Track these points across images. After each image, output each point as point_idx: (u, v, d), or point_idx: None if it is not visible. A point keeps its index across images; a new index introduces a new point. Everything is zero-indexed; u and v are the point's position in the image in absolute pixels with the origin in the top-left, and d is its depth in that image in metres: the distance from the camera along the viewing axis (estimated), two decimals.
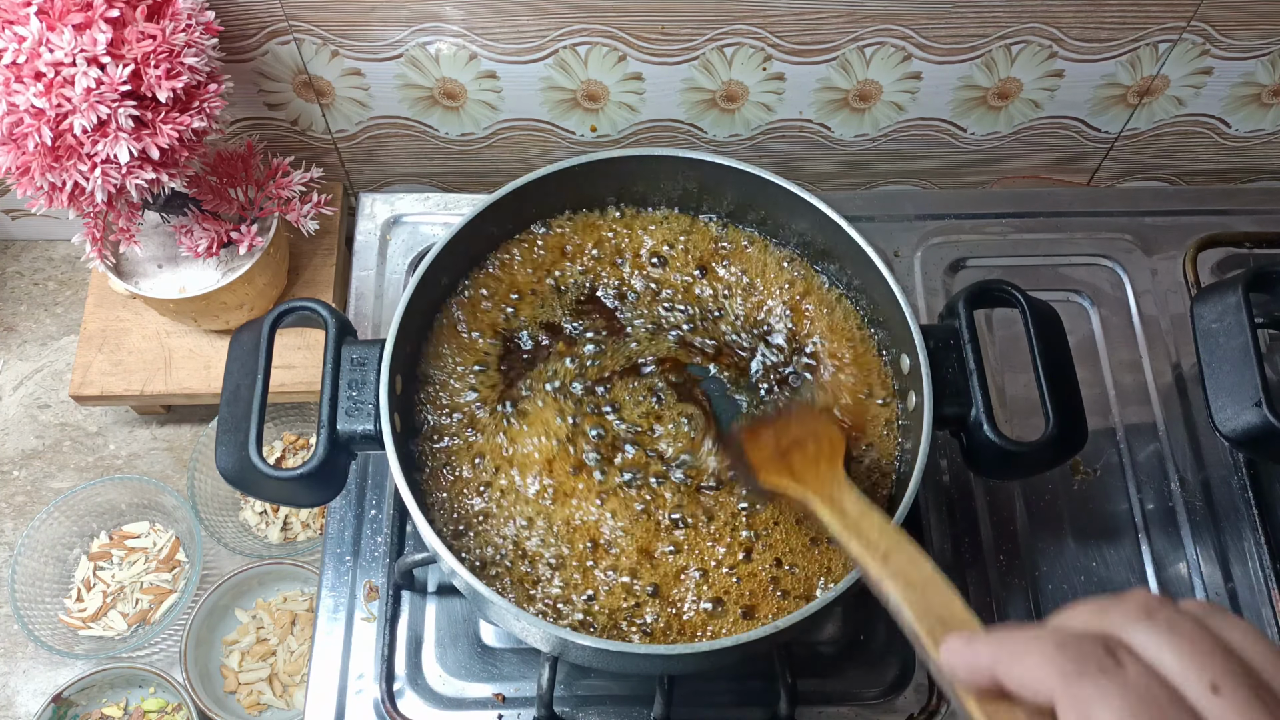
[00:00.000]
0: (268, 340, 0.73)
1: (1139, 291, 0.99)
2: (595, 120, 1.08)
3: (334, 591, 0.83)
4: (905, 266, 0.98)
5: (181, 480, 1.15)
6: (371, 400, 0.71)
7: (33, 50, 0.78)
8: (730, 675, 0.80)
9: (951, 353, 0.74)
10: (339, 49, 1.00)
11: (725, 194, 0.82)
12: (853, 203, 1.02)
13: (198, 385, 1.09)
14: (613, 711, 0.79)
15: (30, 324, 1.25)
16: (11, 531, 1.14)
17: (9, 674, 1.08)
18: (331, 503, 0.83)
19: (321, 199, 1.03)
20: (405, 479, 0.67)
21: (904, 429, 0.75)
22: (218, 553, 1.13)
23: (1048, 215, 1.02)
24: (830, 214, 0.76)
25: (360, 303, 0.96)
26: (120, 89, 0.80)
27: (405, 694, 0.79)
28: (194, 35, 0.85)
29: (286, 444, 1.19)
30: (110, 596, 1.11)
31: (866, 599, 0.83)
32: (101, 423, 1.19)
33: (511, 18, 0.96)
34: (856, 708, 0.79)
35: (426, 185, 1.18)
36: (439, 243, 0.75)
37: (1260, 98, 1.08)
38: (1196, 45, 1.01)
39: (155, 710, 1.06)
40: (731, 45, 0.99)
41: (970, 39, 0.99)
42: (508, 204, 0.78)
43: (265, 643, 1.09)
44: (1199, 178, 1.20)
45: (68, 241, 1.28)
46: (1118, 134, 1.12)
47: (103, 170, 0.83)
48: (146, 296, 1.02)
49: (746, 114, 1.07)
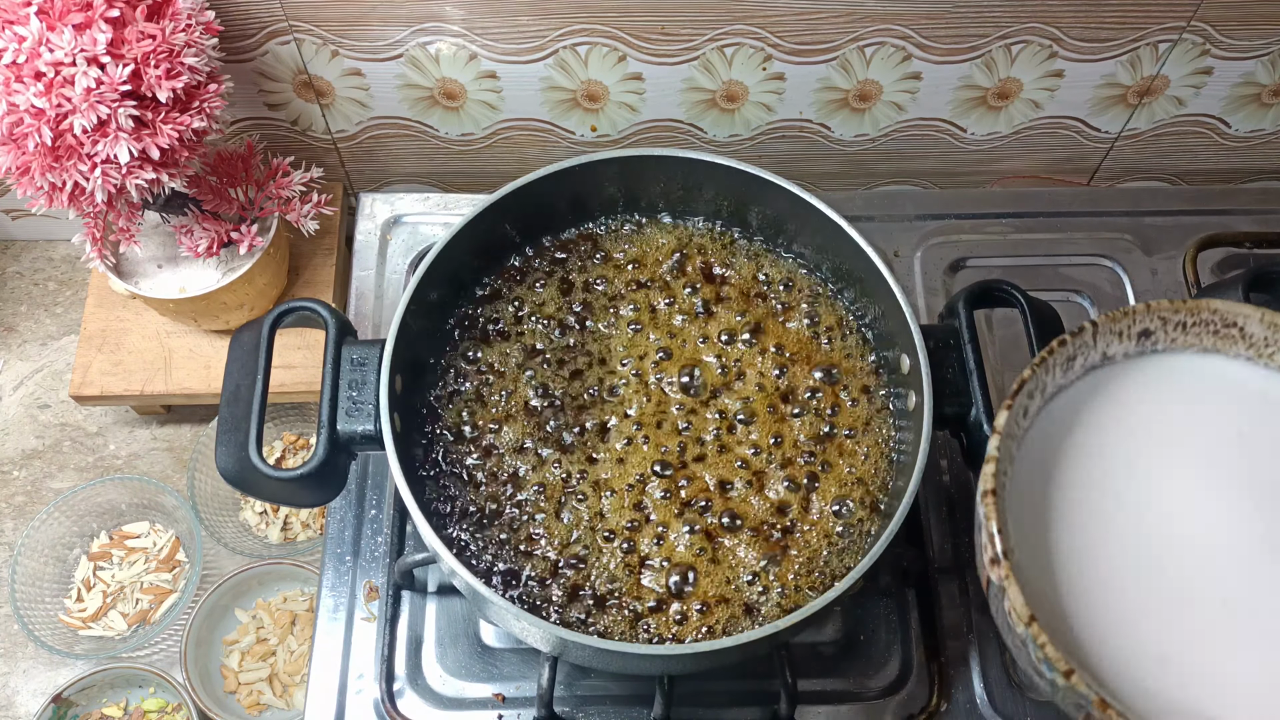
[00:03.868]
0: (268, 340, 0.73)
1: (1139, 291, 0.99)
2: (595, 120, 1.08)
3: (334, 591, 0.83)
4: (905, 266, 0.98)
5: (181, 480, 1.15)
6: (371, 400, 0.71)
7: (33, 50, 0.78)
8: (730, 675, 0.80)
9: (951, 353, 0.74)
10: (339, 49, 1.00)
11: (724, 194, 0.82)
12: (853, 203, 1.02)
13: (198, 385, 1.09)
14: (613, 711, 0.79)
15: (30, 324, 1.25)
16: (11, 531, 1.14)
17: (9, 674, 1.08)
18: (331, 503, 0.83)
19: (321, 199, 1.03)
20: (405, 479, 0.67)
21: (904, 429, 0.75)
22: (218, 553, 1.13)
23: (1048, 215, 1.02)
24: (830, 214, 0.76)
25: (360, 303, 0.95)
26: (120, 89, 0.80)
27: (405, 694, 0.79)
28: (194, 35, 0.85)
29: (286, 444, 1.19)
30: (110, 596, 1.11)
31: (867, 599, 0.83)
32: (101, 423, 1.19)
33: (511, 18, 0.96)
34: (856, 708, 0.79)
35: (426, 185, 1.18)
36: (439, 243, 0.75)
37: (1260, 98, 1.08)
38: (1196, 45, 1.01)
39: (155, 710, 1.06)
40: (731, 45, 0.99)
41: (970, 39, 0.99)
42: (508, 204, 0.78)
43: (265, 643, 1.09)
44: (1199, 178, 1.20)
45: (68, 241, 1.28)
46: (1118, 134, 1.12)
47: (103, 170, 0.83)
48: (146, 296, 1.02)
49: (746, 114, 1.07)
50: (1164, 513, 0.51)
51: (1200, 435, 0.53)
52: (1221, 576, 0.48)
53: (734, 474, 0.75)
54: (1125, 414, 0.54)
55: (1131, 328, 0.55)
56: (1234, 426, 0.53)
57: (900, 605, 0.82)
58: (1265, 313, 0.53)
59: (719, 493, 0.75)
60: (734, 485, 0.75)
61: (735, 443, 0.76)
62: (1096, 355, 0.54)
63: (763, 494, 0.74)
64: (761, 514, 0.74)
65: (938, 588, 0.82)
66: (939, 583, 0.82)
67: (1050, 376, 0.53)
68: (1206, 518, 0.50)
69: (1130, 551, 0.50)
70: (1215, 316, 0.54)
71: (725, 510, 0.74)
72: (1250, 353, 0.54)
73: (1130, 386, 0.54)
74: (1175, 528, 0.50)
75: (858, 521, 0.74)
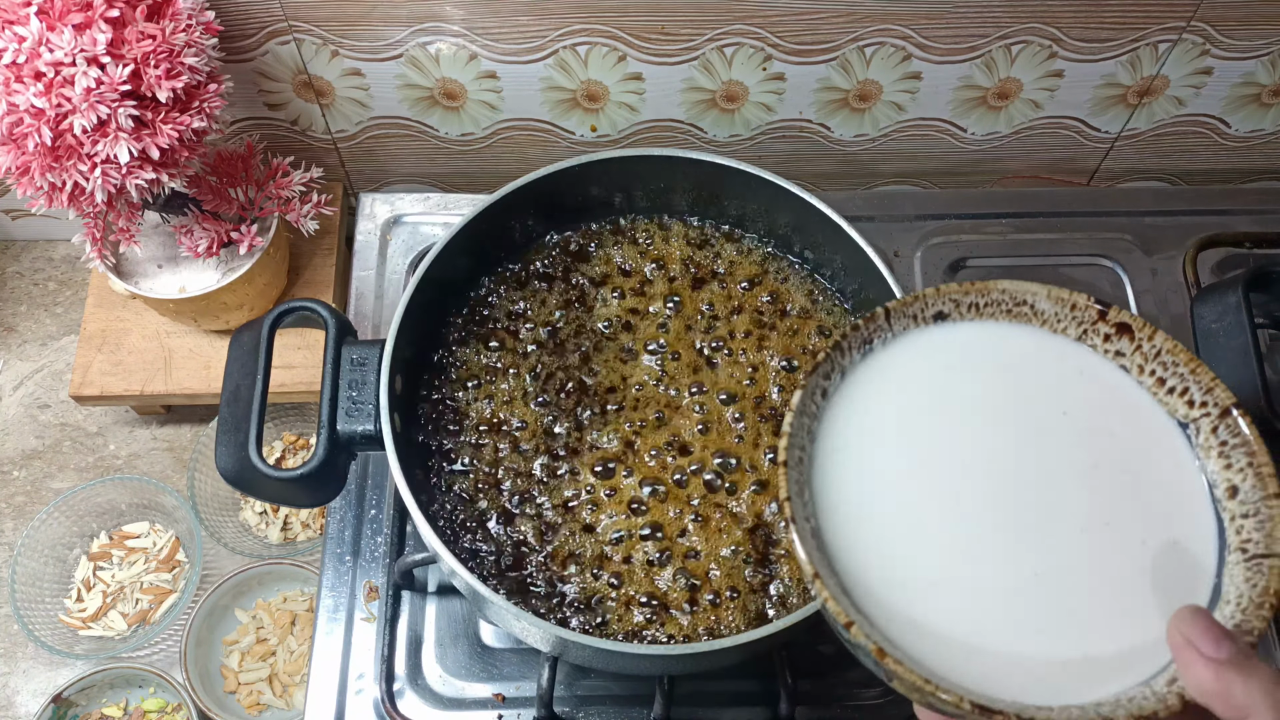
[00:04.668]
0: (268, 340, 0.73)
1: (1139, 291, 0.99)
2: (595, 120, 1.08)
3: (334, 591, 0.83)
4: (905, 266, 0.98)
5: (181, 480, 1.15)
6: (371, 400, 0.71)
7: (33, 50, 0.78)
8: (730, 675, 0.80)
9: None
10: (339, 49, 1.00)
11: (724, 194, 0.82)
12: (853, 203, 1.02)
13: (198, 385, 1.09)
14: (613, 711, 0.79)
15: (30, 324, 1.25)
16: (11, 531, 1.14)
17: (9, 674, 1.08)
18: (331, 503, 0.83)
19: (321, 199, 1.03)
20: (405, 479, 0.67)
21: None
22: (218, 553, 1.13)
23: (1048, 215, 1.02)
24: (830, 214, 0.77)
25: (360, 303, 0.96)
26: (120, 89, 0.80)
27: (405, 694, 0.79)
28: (194, 35, 0.85)
29: (286, 444, 1.19)
30: (110, 596, 1.11)
31: None
32: (101, 423, 1.19)
33: (511, 18, 0.96)
34: (856, 708, 0.79)
35: (426, 185, 1.18)
36: (439, 243, 0.75)
37: (1260, 98, 1.08)
38: (1196, 45, 1.01)
39: (155, 710, 1.06)
40: (731, 45, 0.99)
41: (970, 39, 0.99)
42: (509, 204, 0.78)
43: (265, 643, 1.09)
44: (1199, 178, 1.20)
45: (68, 241, 1.28)
46: (1118, 134, 1.12)
47: (103, 170, 0.83)
48: (146, 296, 1.02)
49: (746, 114, 1.07)
50: (938, 456, 0.54)
51: (999, 400, 0.56)
52: (1023, 543, 0.51)
53: (734, 473, 0.75)
54: (927, 381, 0.56)
55: (925, 311, 0.57)
56: (1029, 390, 0.56)
57: None
58: (1050, 289, 0.56)
59: (718, 493, 0.75)
60: (735, 486, 0.75)
61: (736, 443, 0.76)
62: (892, 336, 0.56)
63: (762, 493, 0.74)
64: (761, 511, 0.74)
65: None
66: None
67: (848, 359, 0.56)
68: (976, 456, 0.54)
69: (932, 519, 0.52)
70: (1005, 296, 0.57)
71: (725, 510, 0.74)
72: (1045, 329, 0.57)
73: (932, 354, 0.57)
74: (949, 469, 0.53)
75: None
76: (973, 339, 0.57)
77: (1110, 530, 0.51)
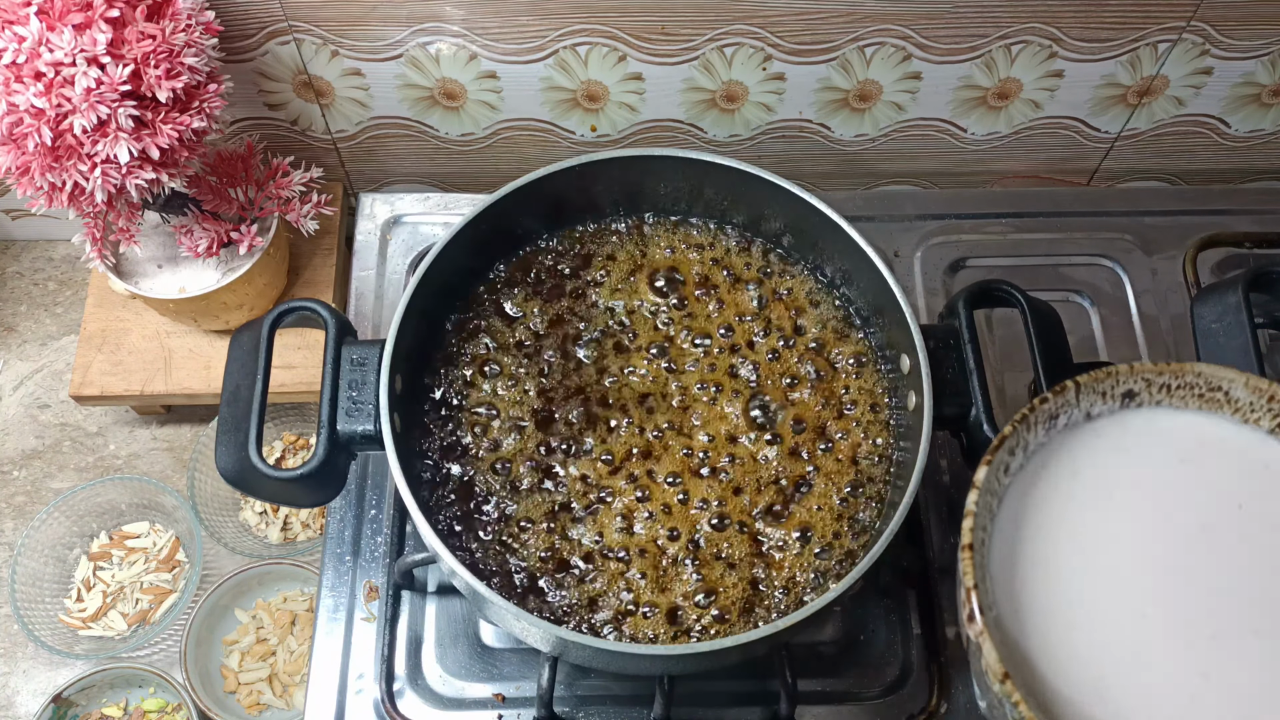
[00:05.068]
0: (268, 340, 0.73)
1: (1139, 291, 0.99)
2: (595, 120, 1.08)
3: (334, 591, 0.83)
4: (905, 266, 0.98)
5: (181, 480, 1.15)
6: (371, 400, 0.71)
7: (33, 50, 0.78)
8: (730, 675, 0.80)
9: (951, 353, 0.74)
10: (339, 49, 1.00)
11: (724, 194, 0.82)
12: (853, 203, 1.02)
13: (198, 385, 1.09)
14: (613, 711, 0.79)
15: (30, 324, 1.25)
16: (11, 531, 1.14)
17: (9, 674, 1.08)
18: (331, 503, 0.83)
19: (321, 199, 1.03)
20: (405, 479, 0.67)
21: (904, 429, 0.75)
22: (218, 553, 1.13)
23: (1048, 215, 1.02)
24: (830, 214, 0.76)
25: (360, 303, 0.95)
26: (120, 89, 0.80)
27: (405, 694, 0.79)
28: (194, 35, 0.85)
29: (286, 444, 1.19)
30: (110, 596, 1.11)
31: (867, 599, 0.83)
32: (101, 423, 1.20)
33: (511, 18, 0.96)
34: (856, 708, 0.79)
35: (426, 185, 1.18)
36: (439, 243, 0.75)
37: (1260, 98, 1.08)
38: (1196, 45, 1.01)
39: (155, 710, 1.06)
40: (731, 45, 0.99)
41: (970, 39, 0.99)
42: (508, 204, 0.78)
43: (265, 643, 1.09)
44: (1199, 178, 1.20)
45: (68, 241, 1.28)
46: (1118, 134, 1.12)
47: (103, 170, 0.83)
48: (146, 296, 1.02)
49: (746, 114, 1.07)
50: (1109, 551, 0.52)
51: (1177, 494, 0.53)
52: (1193, 647, 0.49)
53: (735, 473, 0.75)
54: (1105, 470, 0.54)
55: (1115, 389, 0.55)
56: (1209, 484, 0.54)
57: (900, 605, 0.82)
58: (1249, 377, 0.54)
59: (718, 492, 0.75)
60: (738, 486, 0.75)
61: (735, 442, 0.76)
62: (1080, 414, 0.54)
63: (762, 493, 0.74)
64: (761, 511, 0.74)
65: (938, 588, 0.82)
66: (939, 583, 0.82)
67: (1032, 434, 0.54)
68: (1149, 552, 0.52)
69: (1102, 615, 0.50)
70: (1200, 380, 0.55)
71: (724, 509, 0.74)
72: (1236, 417, 0.55)
73: (1112, 443, 0.55)
74: (1142, 586, 0.51)
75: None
76: (1156, 427, 0.55)
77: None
